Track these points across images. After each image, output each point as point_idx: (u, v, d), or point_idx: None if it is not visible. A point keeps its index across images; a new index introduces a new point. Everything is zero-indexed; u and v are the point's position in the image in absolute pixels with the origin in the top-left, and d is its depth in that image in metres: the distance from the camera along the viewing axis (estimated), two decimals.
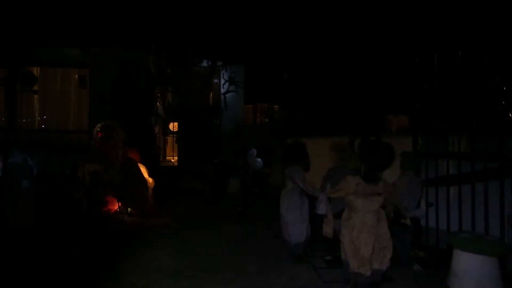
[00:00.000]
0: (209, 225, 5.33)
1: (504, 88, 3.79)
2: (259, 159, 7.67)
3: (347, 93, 8.84)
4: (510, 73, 4.04)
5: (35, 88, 8.03)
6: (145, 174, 6.03)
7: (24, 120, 8.63)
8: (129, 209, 5.67)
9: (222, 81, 10.00)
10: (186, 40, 6.19)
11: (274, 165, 7.65)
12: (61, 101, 8.90)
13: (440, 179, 3.78)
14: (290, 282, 3.28)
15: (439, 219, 3.81)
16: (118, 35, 6.09)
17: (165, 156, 12.46)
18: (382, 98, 8.28)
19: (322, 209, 3.41)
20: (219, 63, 6.29)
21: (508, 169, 3.16)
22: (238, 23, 5.25)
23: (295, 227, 3.87)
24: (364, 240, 2.93)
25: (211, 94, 10.75)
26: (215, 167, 8.31)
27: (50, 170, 5.73)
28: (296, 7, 4.46)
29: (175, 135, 11.09)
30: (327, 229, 3.79)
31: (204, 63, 6.98)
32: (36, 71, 8.45)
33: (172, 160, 11.97)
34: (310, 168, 4.07)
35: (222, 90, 9.96)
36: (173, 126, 9.61)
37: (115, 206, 5.74)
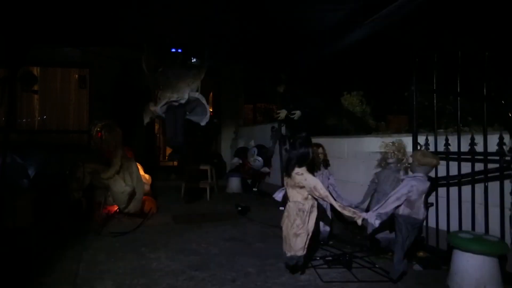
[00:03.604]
0: (209, 225, 5.32)
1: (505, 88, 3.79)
2: (259, 159, 7.67)
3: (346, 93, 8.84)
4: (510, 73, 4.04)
5: (35, 88, 8.04)
6: (141, 171, 6.05)
7: (24, 120, 8.64)
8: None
9: None
10: (178, 39, 6.21)
11: (274, 164, 7.65)
12: (61, 101, 8.91)
13: (440, 179, 3.78)
14: (290, 282, 3.28)
15: (439, 219, 3.81)
16: (118, 35, 6.07)
17: (165, 156, 12.45)
18: (382, 98, 8.28)
19: (277, 195, 3.73)
20: (208, 62, 6.32)
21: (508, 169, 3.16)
22: (237, 23, 5.24)
23: None
24: (284, 224, 3.38)
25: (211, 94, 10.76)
26: (215, 167, 8.31)
27: (50, 170, 5.73)
28: (295, 6, 4.46)
29: None
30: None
31: (194, 61, 7.02)
32: (36, 71, 8.46)
33: None
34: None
35: None
36: None
37: (115, 206, 5.74)
